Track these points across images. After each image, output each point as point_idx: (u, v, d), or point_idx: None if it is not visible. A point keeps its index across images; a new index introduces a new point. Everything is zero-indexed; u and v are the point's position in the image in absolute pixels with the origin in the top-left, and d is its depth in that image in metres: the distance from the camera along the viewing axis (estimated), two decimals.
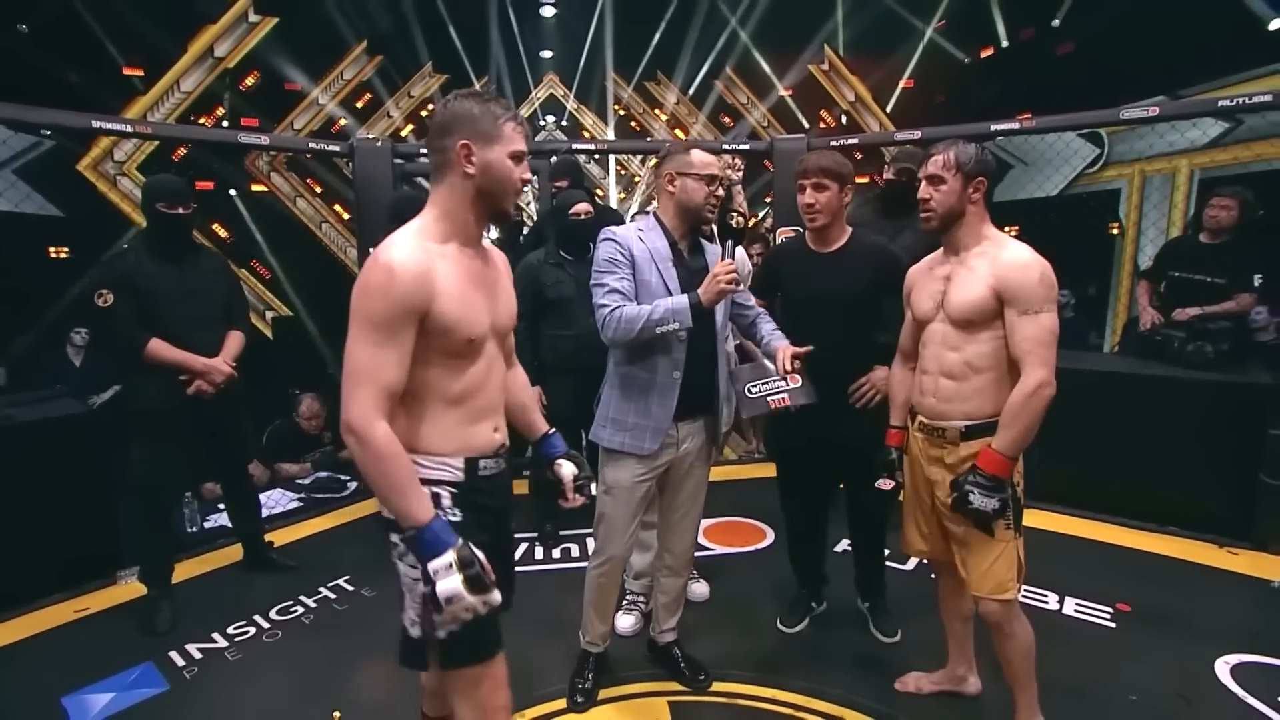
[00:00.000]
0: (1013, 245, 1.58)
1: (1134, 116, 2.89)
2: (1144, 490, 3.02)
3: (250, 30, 5.37)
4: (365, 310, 1.10)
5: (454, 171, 1.18)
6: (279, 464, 3.85)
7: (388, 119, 7.71)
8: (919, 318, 1.74)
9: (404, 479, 1.10)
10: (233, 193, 6.46)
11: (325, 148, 3.35)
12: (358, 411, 1.09)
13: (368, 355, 1.09)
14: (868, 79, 7.26)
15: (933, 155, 1.64)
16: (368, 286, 1.10)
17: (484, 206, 1.21)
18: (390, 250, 1.12)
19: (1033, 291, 1.51)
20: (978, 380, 1.61)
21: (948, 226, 1.65)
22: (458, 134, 1.17)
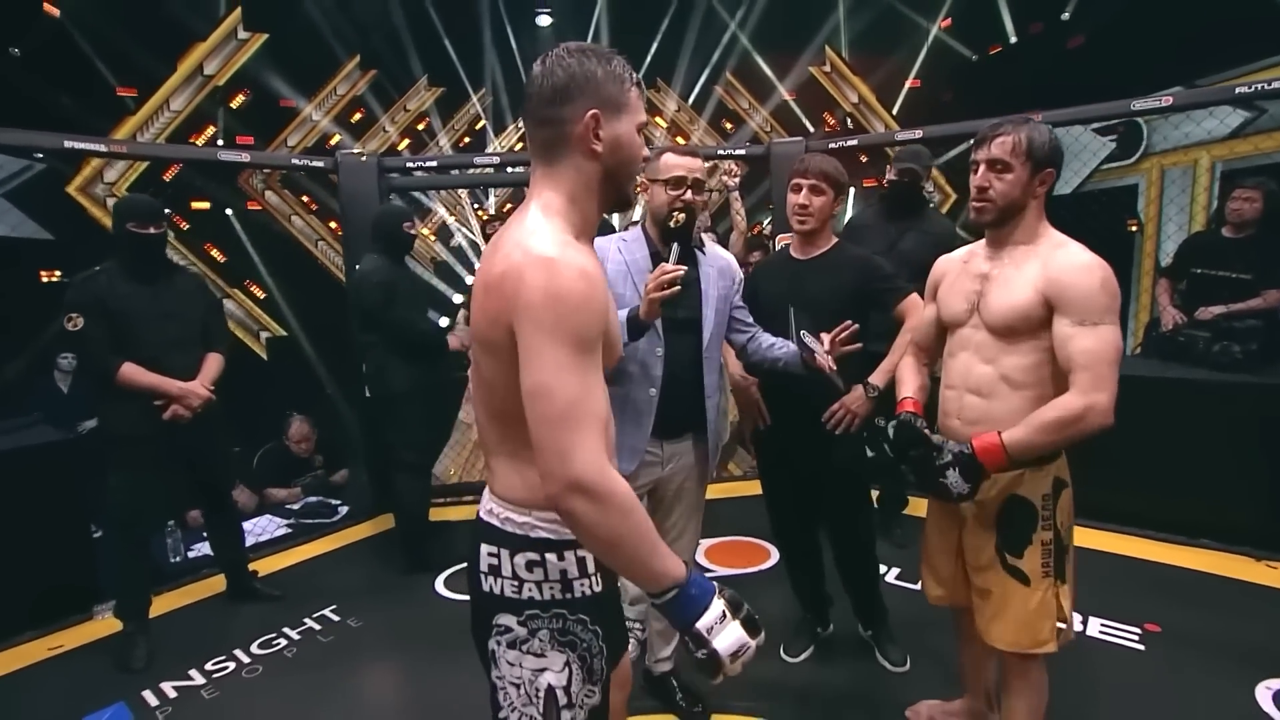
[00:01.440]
0: (1071, 245, 1.40)
1: (1146, 108, 2.81)
2: (1172, 500, 2.92)
3: (240, 47, 5.43)
4: (568, 327, 0.84)
5: (576, 149, 0.94)
6: (268, 489, 3.82)
7: (384, 133, 7.77)
8: (947, 319, 1.55)
9: (653, 532, 0.87)
10: (229, 212, 6.52)
11: (308, 163, 3.35)
12: (587, 460, 0.82)
13: (580, 385, 0.84)
14: (871, 80, 7.22)
15: (998, 136, 1.41)
16: (566, 296, 0.84)
17: (609, 191, 0.98)
18: (564, 249, 0.88)
19: (1093, 299, 1.32)
20: (1014, 399, 1.41)
21: (1002, 222, 1.44)
22: (582, 101, 0.93)
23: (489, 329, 0.91)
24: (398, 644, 2.46)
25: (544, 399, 0.83)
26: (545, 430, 0.83)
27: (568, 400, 0.83)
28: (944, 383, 1.56)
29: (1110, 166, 5.39)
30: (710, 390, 1.83)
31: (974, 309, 1.49)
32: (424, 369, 2.94)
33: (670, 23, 7.85)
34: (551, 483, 0.83)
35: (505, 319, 0.87)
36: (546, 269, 0.85)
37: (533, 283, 0.85)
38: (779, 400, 2.06)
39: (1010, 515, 1.47)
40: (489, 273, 0.92)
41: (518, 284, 0.86)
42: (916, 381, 1.68)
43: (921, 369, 1.71)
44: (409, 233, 2.95)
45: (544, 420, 0.83)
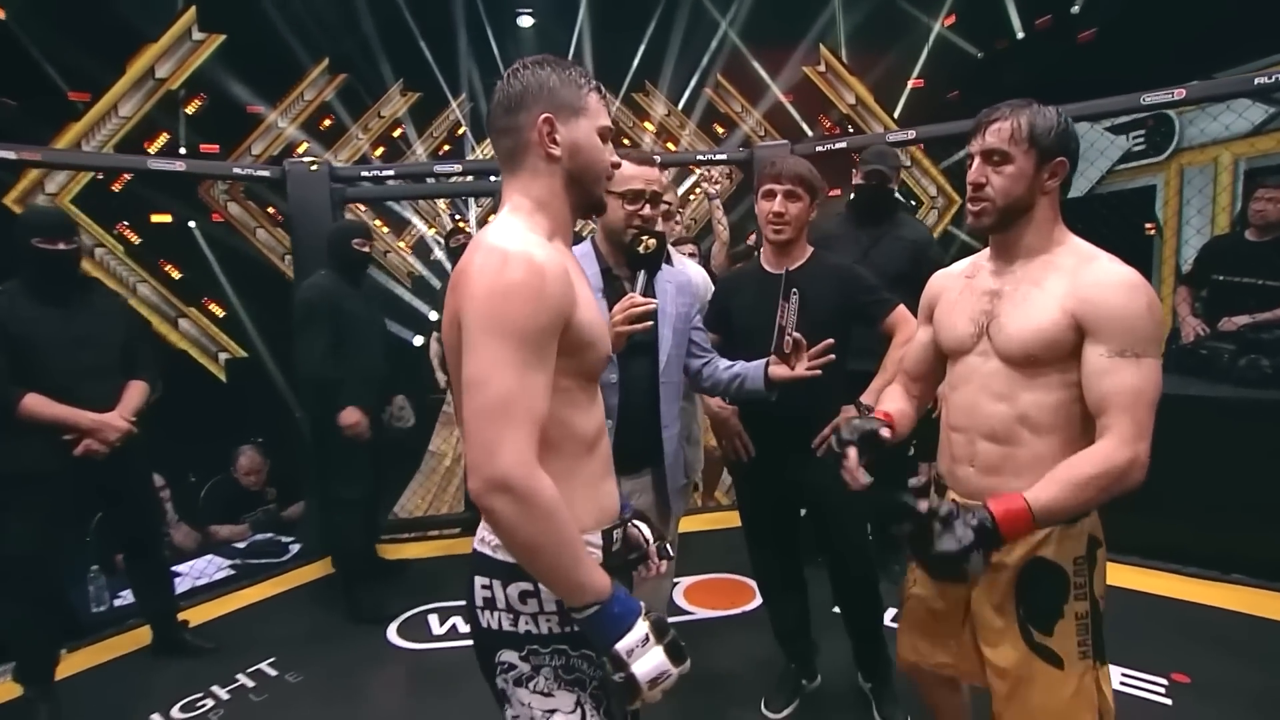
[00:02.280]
0: (1102, 257, 1.22)
1: (1157, 102, 2.73)
2: (1200, 532, 2.78)
3: (195, 49, 5.36)
4: (509, 320, 0.86)
5: (533, 154, 1.00)
6: (212, 526, 3.69)
7: (356, 141, 7.72)
8: (949, 345, 1.37)
9: (577, 541, 0.88)
10: (192, 225, 6.44)
11: (252, 173, 3.25)
12: (513, 457, 0.84)
13: (517, 381, 0.85)
14: (869, 80, 7.18)
15: (993, 122, 1.24)
16: (510, 288, 0.87)
17: (576, 196, 1.03)
18: (518, 242, 0.92)
19: (1138, 325, 1.14)
20: (1037, 445, 1.23)
21: (1007, 225, 1.26)
22: (535, 107, 0.99)
23: (451, 330, 0.95)
24: (341, 701, 2.32)
25: (477, 391, 0.86)
26: (475, 423, 0.86)
27: (500, 394, 0.85)
28: (947, 422, 1.37)
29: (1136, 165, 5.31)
30: (668, 420, 1.71)
31: (983, 333, 1.29)
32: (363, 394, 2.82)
33: (658, 22, 7.83)
34: (475, 478, 0.85)
35: (458, 317, 0.91)
36: (496, 261, 0.89)
37: (480, 274, 0.89)
38: (763, 428, 1.97)
39: (1035, 582, 1.27)
40: (453, 275, 0.97)
41: (471, 280, 0.89)
42: (899, 405, 1.49)
43: (909, 400, 1.51)
44: (359, 250, 2.85)
45: (475, 413, 0.86)
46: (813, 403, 1.84)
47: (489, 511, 0.85)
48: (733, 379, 1.75)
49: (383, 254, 8.12)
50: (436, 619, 2.84)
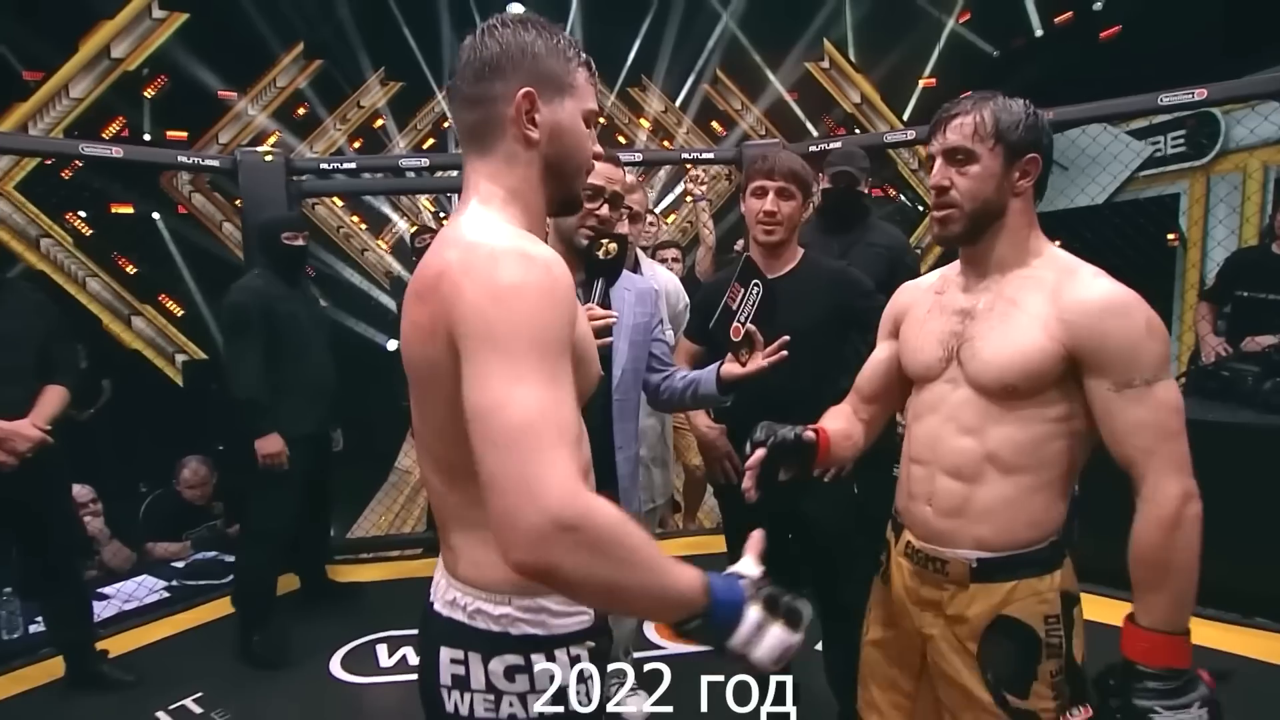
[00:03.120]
0: (1083, 269, 1.15)
1: (1176, 102, 2.66)
2: (1219, 569, 2.64)
3: (155, 28, 5.29)
4: (525, 327, 0.73)
5: (506, 134, 0.87)
6: (151, 544, 3.58)
7: (334, 132, 7.66)
8: (914, 370, 1.29)
9: (656, 554, 0.74)
10: (156, 216, 6.37)
11: (200, 162, 3.17)
12: (560, 489, 0.67)
13: (547, 396, 0.71)
14: (876, 78, 7.13)
15: (953, 117, 1.17)
16: (520, 289, 0.75)
17: (552, 189, 0.92)
18: (507, 238, 0.80)
19: (1141, 349, 1.06)
20: (1003, 487, 1.16)
21: (977, 234, 1.19)
22: (514, 77, 0.85)
23: (425, 346, 0.81)
24: None
25: (494, 418, 0.70)
26: (498, 459, 0.69)
27: (525, 417, 0.69)
28: (908, 454, 1.30)
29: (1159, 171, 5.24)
30: (622, 440, 1.63)
31: (952, 357, 1.21)
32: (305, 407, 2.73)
33: (654, 13, 7.80)
34: (515, 532, 0.67)
35: (444, 329, 0.77)
36: (493, 260, 0.77)
37: (477, 277, 0.76)
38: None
39: (1001, 643, 1.18)
40: (422, 278, 0.83)
41: (458, 283, 0.76)
42: (840, 425, 1.39)
43: (855, 423, 1.42)
44: (289, 245, 2.74)
45: (496, 446, 0.69)
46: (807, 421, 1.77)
47: (552, 571, 0.68)
48: (686, 387, 1.69)
49: (360, 252, 8.05)
50: (385, 649, 2.73)
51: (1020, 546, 1.16)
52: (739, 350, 1.58)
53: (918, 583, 1.26)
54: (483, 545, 0.84)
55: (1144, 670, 1.05)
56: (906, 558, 1.27)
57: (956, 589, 1.20)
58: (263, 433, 2.62)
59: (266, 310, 2.65)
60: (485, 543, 0.82)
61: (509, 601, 0.85)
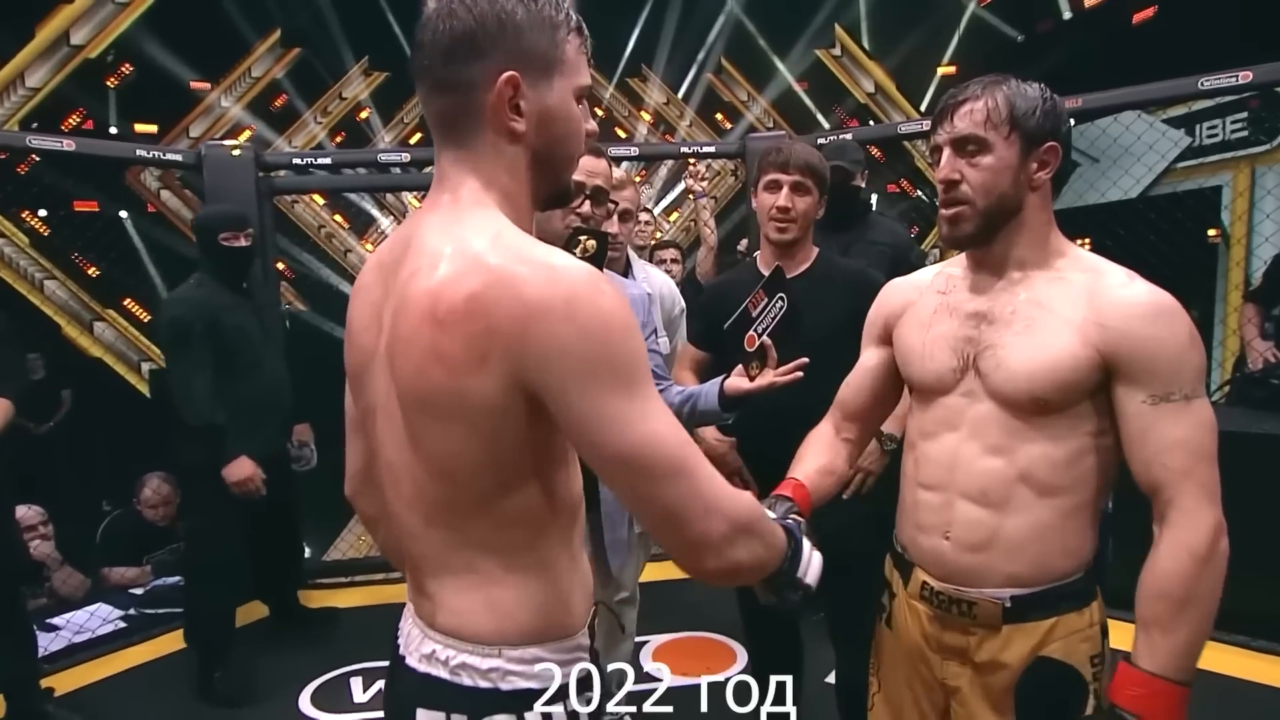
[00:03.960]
0: (1118, 272, 1.09)
1: (1218, 86, 2.60)
2: (1266, 595, 2.58)
3: (117, 13, 5.25)
4: (638, 357, 0.74)
5: (486, 124, 0.79)
6: (108, 569, 3.52)
7: (314, 126, 7.64)
8: (921, 382, 1.21)
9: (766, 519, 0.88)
10: (124, 215, 6.34)
11: (161, 157, 3.12)
12: (730, 494, 0.78)
13: (669, 417, 0.76)
14: (891, 66, 7.09)
15: (962, 103, 1.11)
16: (614, 323, 0.73)
17: (540, 182, 0.85)
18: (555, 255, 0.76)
19: (1182, 360, 1.01)
20: (1040, 511, 1.09)
21: (991, 233, 1.13)
22: (492, 57, 0.77)
23: (455, 378, 0.74)
24: None
25: (657, 452, 0.73)
26: (678, 489, 0.74)
27: (679, 442, 0.75)
28: (915, 478, 1.22)
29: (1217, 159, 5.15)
30: None
31: (968, 367, 1.14)
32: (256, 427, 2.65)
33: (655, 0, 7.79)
34: (709, 549, 0.76)
35: (501, 365, 0.72)
36: (573, 286, 0.72)
37: (571, 310, 0.71)
38: (766, 465, 1.83)
39: (1044, 690, 1.11)
40: (439, 298, 0.74)
41: (529, 316, 0.71)
42: (820, 461, 1.31)
43: (838, 446, 1.34)
44: (228, 246, 2.64)
45: (669, 478, 0.74)
46: None
47: (738, 568, 0.80)
48: (684, 402, 1.64)
49: (343, 253, 8.03)
50: (360, 683, 2.67)
51: (1057, 578, 1.10)
52: (749, 362, 1.54)
53: (938, 629, 1.18)
54: (468, 591, 0.81)
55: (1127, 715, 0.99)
56: (923, 601, 1.19)
57: (986, 633, 1.13)
58: (229, 458, 2.54)
59: (211, 323, 2.56)
60: (472, 588, 0.81)
61: (499, 653, 0.80)
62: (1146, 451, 1.03)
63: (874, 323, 1.34)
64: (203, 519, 2.67)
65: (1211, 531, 1.00)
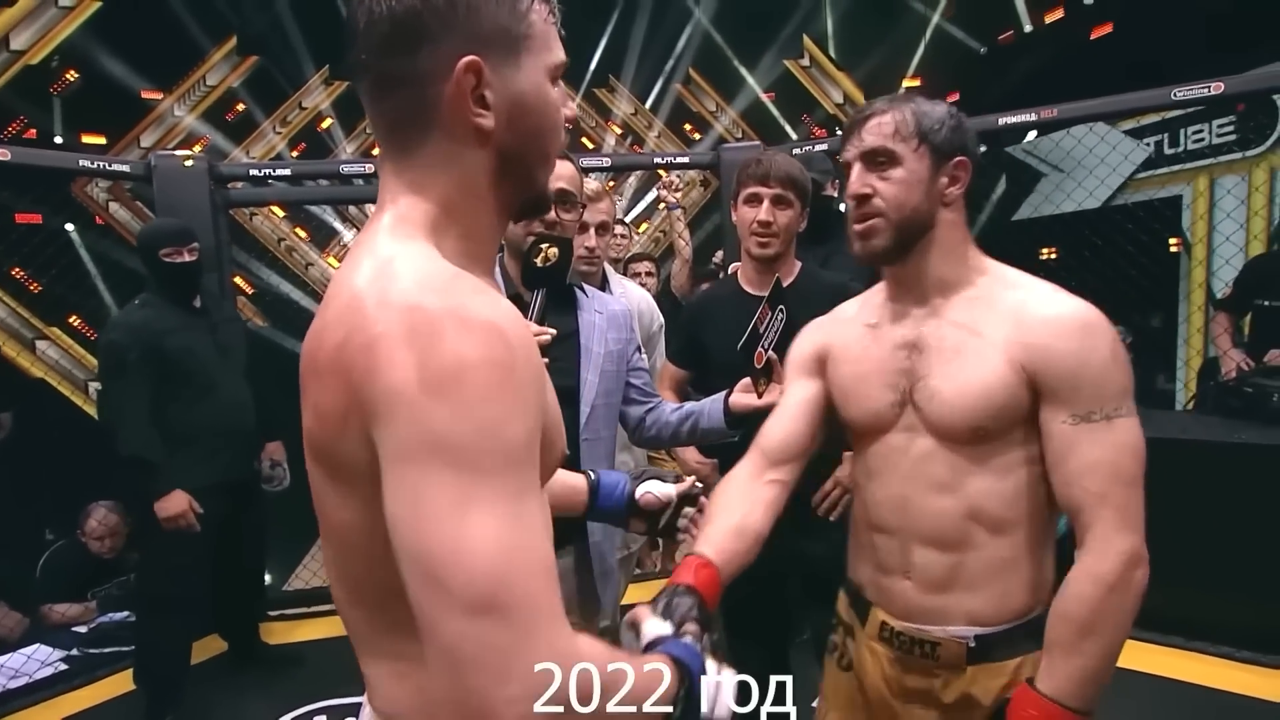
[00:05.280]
0: (1041, 286, 1.08)
1: (1191, 96, 2.63)
2: (1241, 605, 2.61)
3: (62, 17, 5.03)
4: (479, 428, 0.55)
5: (440, 126, 0.66)
6: (49, 605, 3.32)
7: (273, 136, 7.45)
8: (859, 421, 1.16)
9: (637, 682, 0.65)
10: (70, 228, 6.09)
11: (107, 167, 2.95)
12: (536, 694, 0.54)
13: (515, 527, 0.55)
14: (859, 76, 7.16)
15: (869, 117, 1.10)
16: (471, 377, 0.56)
17: (512, 189, 0.71)
18: (449, 288, 0.60)
19: (1104, 376, 1.00)
20: (997, 547, 1.07)
21: (906, 249, 1.10)
22: (448, 41, 0.64)
23: (331, 438, 0.63)
24: None
25: (447, 567, 0.53)
26: (459, 628, 0.53)
27: (494, 565, 0.53)
28: (865, 521, 1.17)
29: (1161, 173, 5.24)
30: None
31: (906, 401, 1.10)
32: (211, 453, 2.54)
33: (622, 9, 7.77)
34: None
35: (357, 420, 0.59)
36: (419, 329, 0.57)
37: (400, 356, 0.56)
38: None
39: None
40: (320, 344, 0.63)
41: (371, 358, 0.57)
42: (733, 518, 1.13)
43: (758, 495, 1.17)
44: (169, 262, 2.51)
45: (452, 608, 0.53)
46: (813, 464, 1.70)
47: None
48: (684, 420, 1.60)
49: (304, 267, 7.81)
50: None
51: (1020, 615, 1.08)
52: (757, 379, 1.50)
53: (899, 671, 1.13)
54: (396, 680, 0.71)
55: None
56: (883, 642, 1.14)
57: (948, 674, 1.10)
58: (160, 492, 2.41)
59: (152, 347, 2.44)
60: (400, 676, 0.70)
61: None
62: (1067, 473, 1.01)
63: (803, 357, 1.27)
64: (157, 548, 2.52)
65: (1123, 560, 0.98)
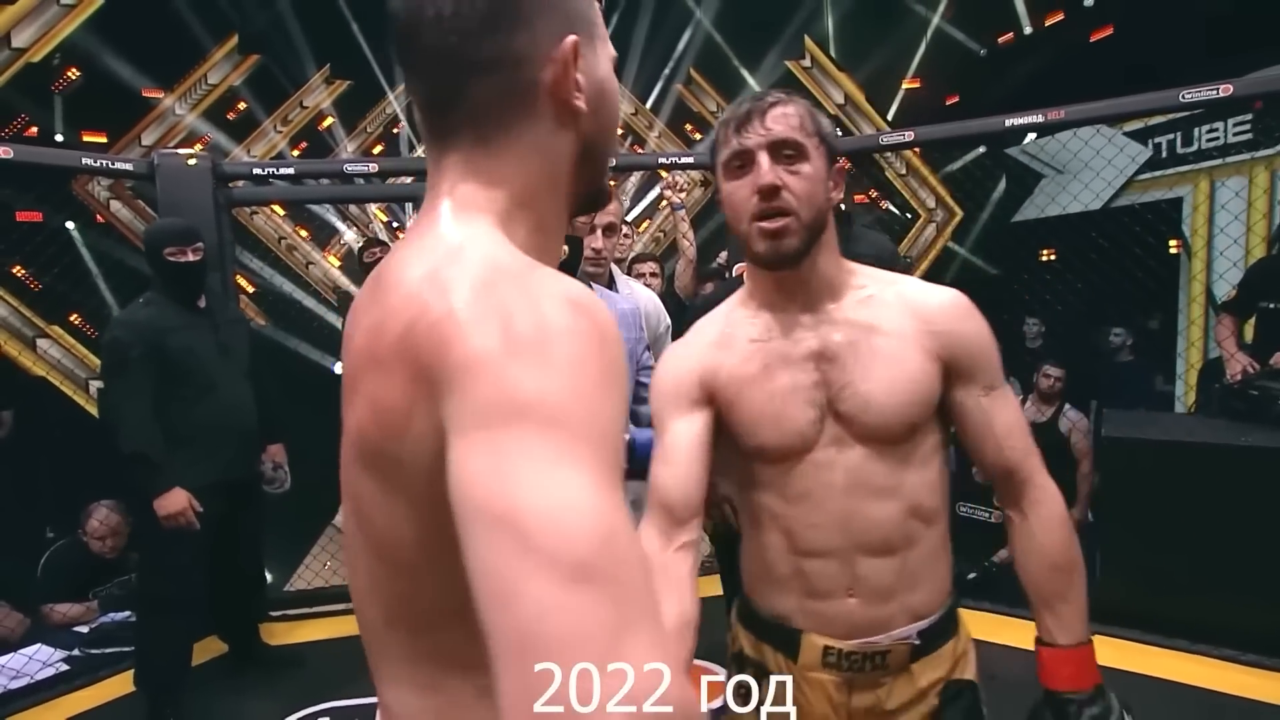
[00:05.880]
0: (906, 279, 1.13)
1: (1200, 99, 2.60)
2: (1246, 608, 2.58)
3: (63, 15, 4.99)
4: (573, 393, 0.47)
5: (535, 111, 0.62)
6: (50, 605, 3.28)
7: (274, 135, 7.41)
8: (777, 446, 1.06)
9: None
10: (70, 226, 6.06)
11: (110, 166, 2.93)
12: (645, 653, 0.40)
13: (609, 498, 0.45)
14: (860, 77, 7.13)
15: (773, 105, 1.03)
16: (564, 340, 0.49)
17: (586, 178, 0.68)
18: (531, 267, 0.55)
19: (992, 351, 1.08)
20: (931, 537, 1.07)
21: (808, 250, 1.04)
22: (546, 21, 0.61)
23: (390, 435, 0.56)
24: None
25: (535, 527, 0.42)
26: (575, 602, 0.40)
27: (594, 529, 0.42)
28: (788, 550, 1.08)
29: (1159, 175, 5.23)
30: None
31: (825, 414, 1.04)
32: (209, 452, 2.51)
33: (623, 10, 7.74)
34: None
35: (425, 407, 0.52)
36: (501, 299, 0.51)
37: (481, 324, 0.50)
38: None
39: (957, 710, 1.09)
40: (380, 335, 0.57)
41: (445, 330, 0.51)
42: (671, 622, 0.97)
43: (680, 568, 1.03)
44: (174, 262, 2.49)
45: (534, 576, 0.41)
46: None
47: None
48: None
49: (304, 266, 7.78)
50: None
51: (948, 596, 1.11)
52: None
53: (846, 695, 1.08)
54: (429, 716, 0.63)
55: (1078, 698, 1.01)
56: (828, 669, 1.07)
57: (896, 679, 1.08)
58: (160, 489, 2.39)
59: (154, 345, 2.42)
60: (434, 712, 0.62)
61: None
62: (995, 439, 1.06)
63: (683, 385, 1.10)
64: (157, 548, 2.50)
65: (1061, 499, 1.08)
